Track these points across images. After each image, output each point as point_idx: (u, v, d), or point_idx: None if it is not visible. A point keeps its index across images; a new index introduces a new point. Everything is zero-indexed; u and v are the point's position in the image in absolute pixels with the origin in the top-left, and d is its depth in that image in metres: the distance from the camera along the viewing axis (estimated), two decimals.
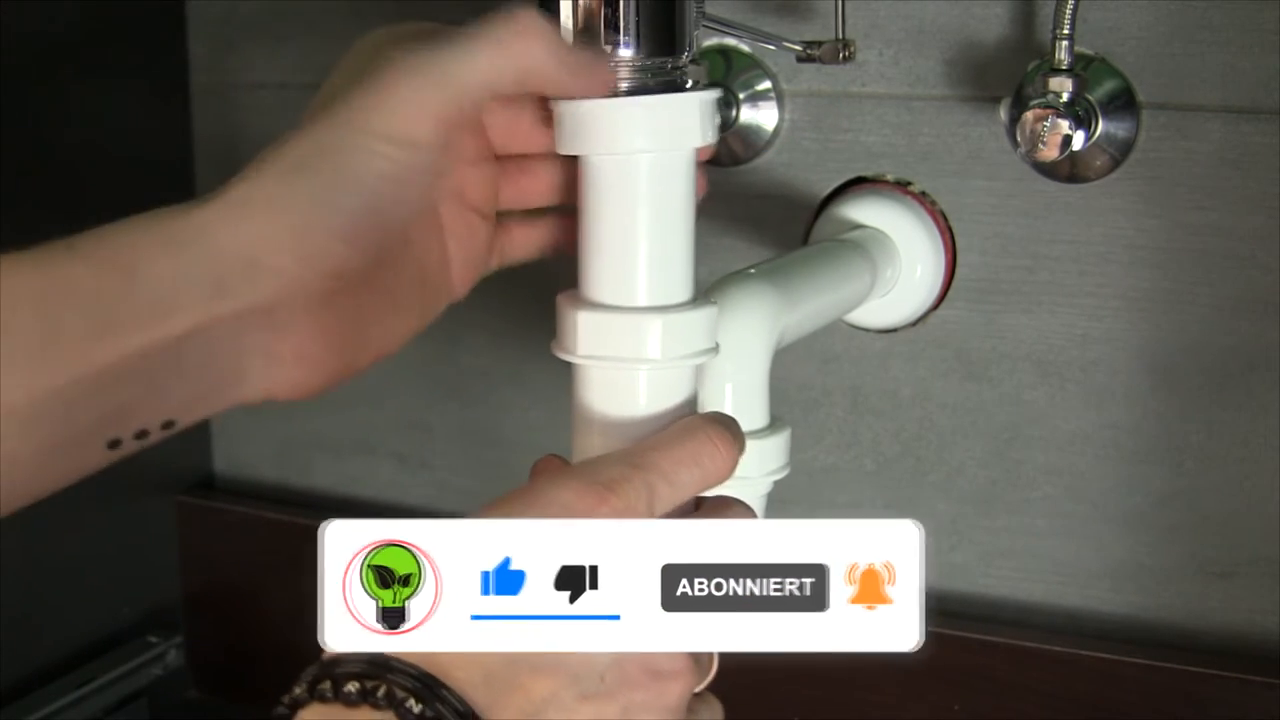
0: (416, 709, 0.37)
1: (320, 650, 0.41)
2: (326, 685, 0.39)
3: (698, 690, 0.45)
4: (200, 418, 0.43)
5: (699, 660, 0.43)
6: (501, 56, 0.43)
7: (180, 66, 0.98)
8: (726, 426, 0.45)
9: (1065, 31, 0.68)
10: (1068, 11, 0.68)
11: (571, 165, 0.48)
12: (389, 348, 0.47)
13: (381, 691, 0.37)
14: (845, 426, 0.84)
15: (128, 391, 0.40)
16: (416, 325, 0.48)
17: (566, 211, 0.50)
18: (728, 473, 0.45)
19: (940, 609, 0.83)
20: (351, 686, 0.38)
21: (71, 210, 0.91)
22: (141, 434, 0.41)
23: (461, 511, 0.45)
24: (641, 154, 0.46)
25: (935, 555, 0.82)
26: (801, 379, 0.84)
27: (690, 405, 0.48)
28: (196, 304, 0.40)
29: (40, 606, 0.91)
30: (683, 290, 0.48)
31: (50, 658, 0.93)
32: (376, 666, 0.38)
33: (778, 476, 0.58)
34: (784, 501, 0.85)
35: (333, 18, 0.93)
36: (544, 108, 0.49)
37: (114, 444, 0.41)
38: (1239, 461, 0.75)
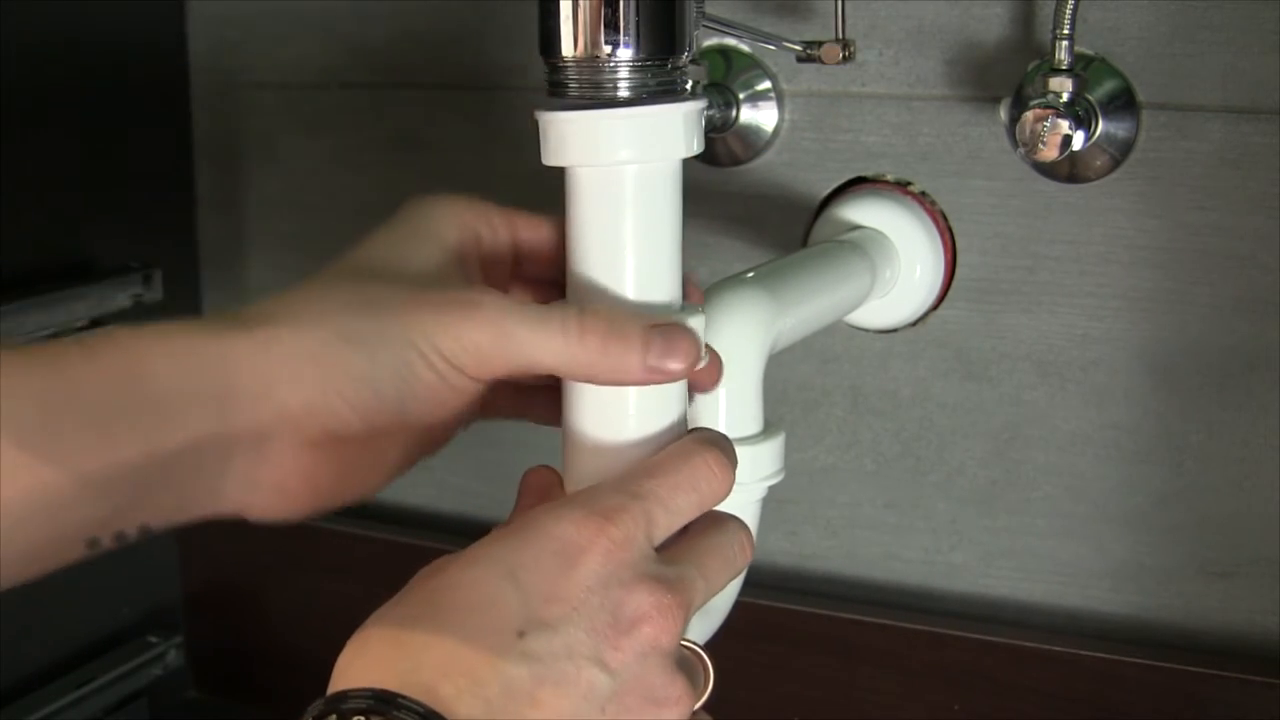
0: None
1: (318, 652, 0.41)
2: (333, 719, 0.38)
3: (695, 708, 0.45)
4: (173, 525, 0.43)
5: (696, 683, 0.43)
6: (568, 354, 0.44)
7: (180, 67, 0.98)
8: (721, 449, 0.46)
9: (1065, 31, 0.68)
10: (1068, 11, 0.68)
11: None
12: (365, 493, 0.48)
13: None
14: (845, 426, 0.84)
15: (116, 496, 0.40)
16: (395, 476, 0.49)
17: (554, 387, 0.50)
18: (724, 496, 0.45)
19: (940, 609, 0.83)
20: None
21: (72, 210, 0.91)
22: (120, 536, 0.42)
23: (461, 512, 0.46)
24: (627, 165, 0.46)
25: (935, 555, 0.83)
26: (801, 379, 0.84)
27: (681, 418, 0.48)
28: (197, 421, 0.41)
29: (40, 606, 0.91)
30: (672, 299, 0.48)
31: (50, 658, 0.93)
32: (382, 702, 0.38)
33: (772, 482, 0.58)
34: (784, 501, 0.86)
35: (333, 18, 0.94)
36: None
37: (92, 544, 0.41)
38: (1239, 461, 0.75)
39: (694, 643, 0.44)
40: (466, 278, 0.48)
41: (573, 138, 0.46)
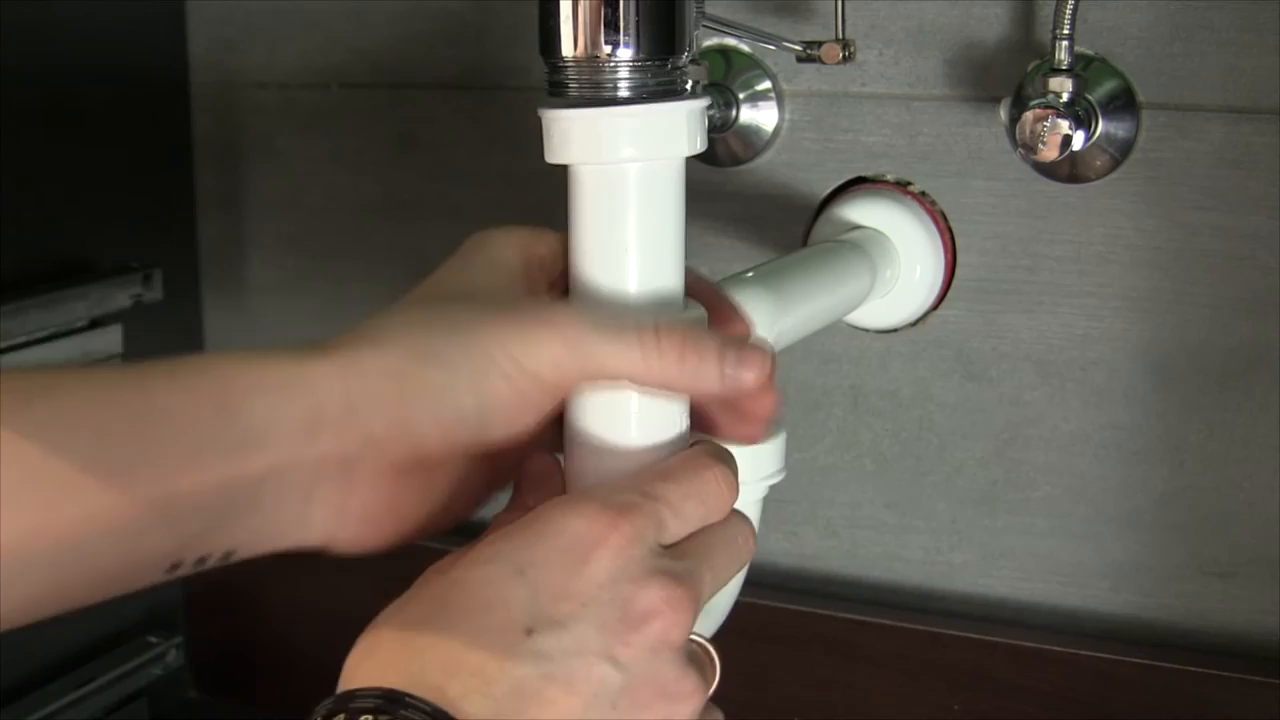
0: None
1: (318, 652, 0.41)
2: (341, 718, 0.39)
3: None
4: (260, 553, 0.43)
5: (706, 676, 0.44)
6: (645, 365, 0.44)
7: (180, 67, 0.98)
8: (728, 465, 0.46)
9: (1065, 31, 0.68)
10: (1068, 11, 0.68)
11: None
12: (449, 523, 0.48)
13: None
14: (845, 426, 0.84)
15: (201, 520, 0.41)
16: (476, 506, 0.49)
17: None
18: (726, 511, 0.46)
19: (940, 609, 0.83)
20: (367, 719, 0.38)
21: (72, 210, 0.91)
22: (201, 561, 0.42)
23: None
24: (629, 164, 0.46)
25: (935, 555, 0.83)
26: (801, 379, 0.84)
27: (684, 421, 0.48)
28: (283, 447, 0.41)
29: None
30: (674, 298, 0.48)
31: (50, 658, 0.93)
32: (390, 701, 0.38)
33: (773, 481, 0.58)
34: (784, 501, 0.86)
35: (333, 18, 0.94)
36: None
37: (173, 568, 0.41)
38: (1239, 461, 0.75)
39: (701, 635, 0.44)
40: (535, 296, 0.48)
41: (576, 135, 0.46)
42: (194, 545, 0.41)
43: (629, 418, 0.46)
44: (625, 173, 0.46)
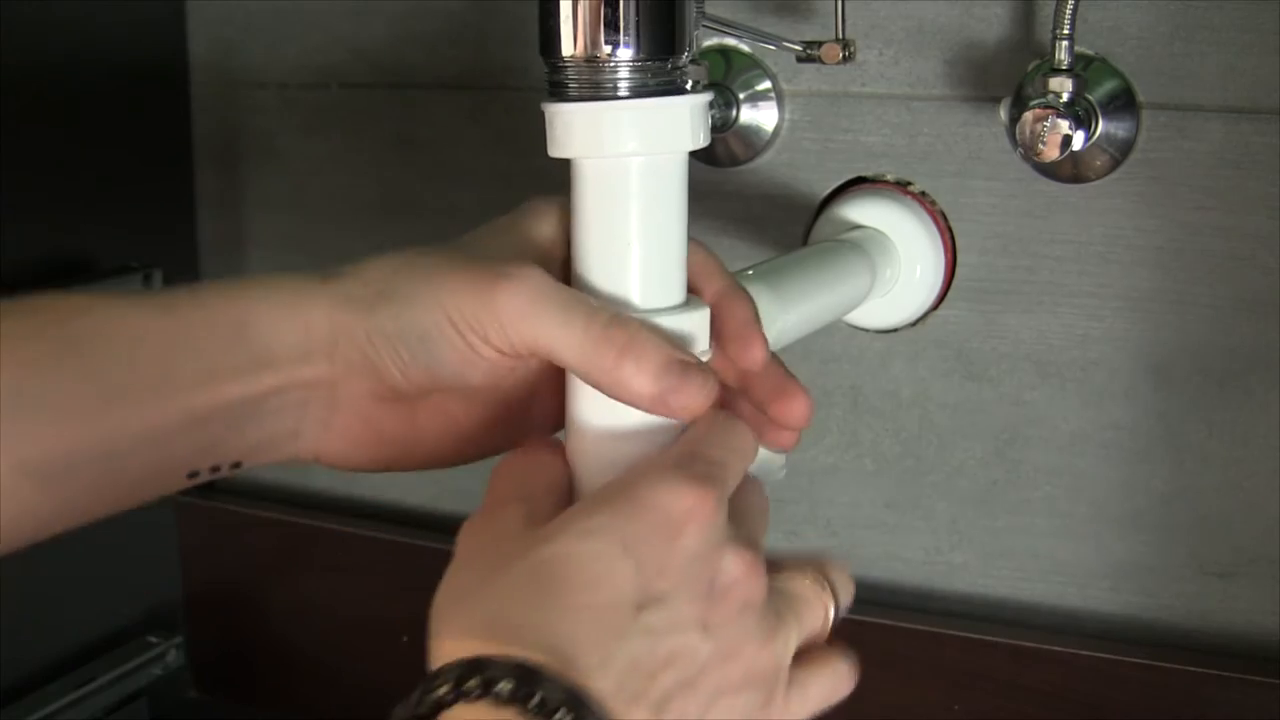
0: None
1: (318, 652, 0.41)
2: (475, 683, 0.39)
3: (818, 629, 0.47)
4: (262, 463, 0.46)
5: (799, 615, 0.46)
6: (581, 352, 0.45)
7: (180, 67, 0.98)
8: (743, 420, 0.48)
9: (1065, 31, 0.68)
10: (1068, 11, 0.68)
11: None
12: (443, 459, 0.50)
13: (535, 700, 0.38)
14: (845, 426, 0.84)
15: (215, 432, 0.43)
16: (474, 452, 0.50)
17: None
18: (753, 461, 0.47)
19: (940, 609, 0.83)
20: (504, 687, 0.38)
21: (72, 210, 0.91)
22: (215, 469, 0.45)
23: (461, 512, 0.46)
24: (632, 158, 0.46)
25: (935, 555, 0.83)
26: (802, 379, 0.84)
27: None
28: (283, 366, 0.44)
29: (40, 606, 0.91)
30: (676, 294, 0.48)
31: (50, 658, 0.93)
32: (527, 674, 0.39)
33: (775, 477, 0.58)
34: (783, 501, 0.86)
35: (333, 18, 0.94)
36: None
37: (193, 474, 0.44)
38: (1239, 461, 0.75)
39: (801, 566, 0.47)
40: (520, 259, 0.47)
41: (579, 129, 0.46)
42: (209, 455, 0.44)
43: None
44: (628, 167, 0.46)
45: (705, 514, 0.42)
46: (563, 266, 0.49)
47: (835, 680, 0.48)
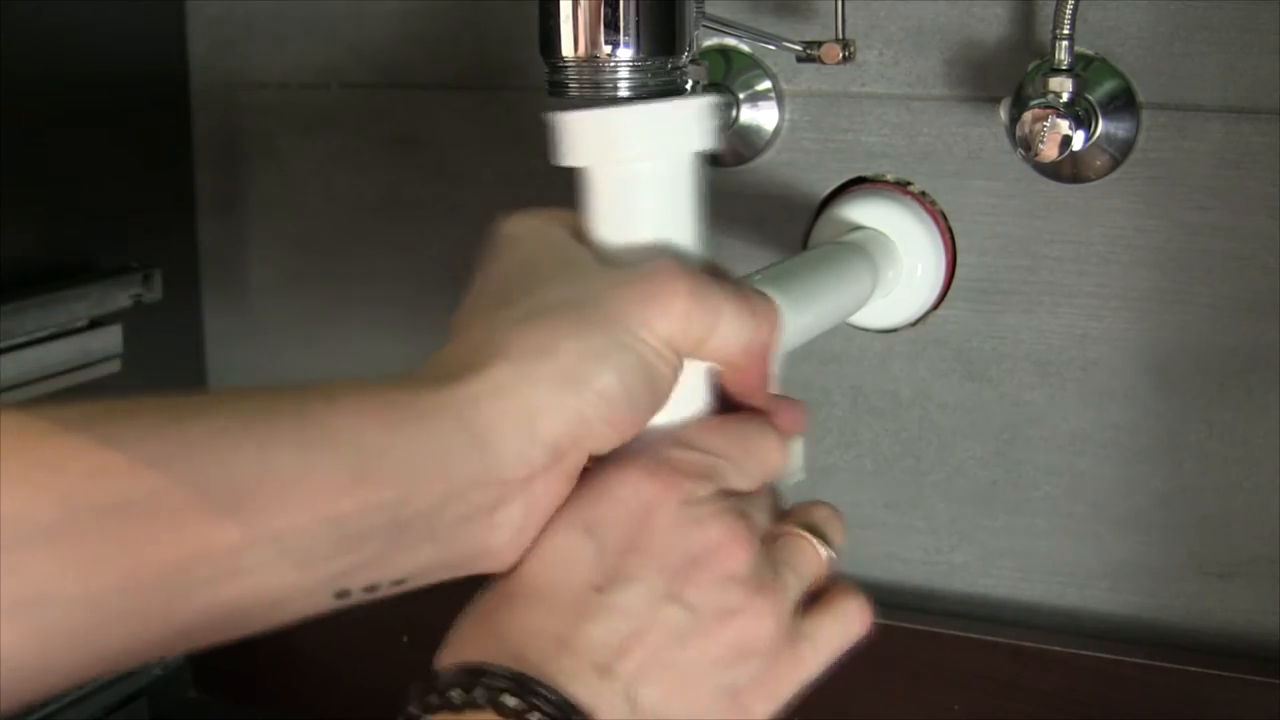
0: (511, 703, 0.38)
1: (318, 652, 0.41)
2: (434, 699, 0.39)
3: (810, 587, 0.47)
4: (437, 580, 0.41)
5: (797, 570, 0.45)
6: (748, 336, 0.45)
7: (180, 67, 0.98)
8: (779, 433, 0.47)
9: (1065, 31, 0.68)
10: (1068, 11, 0.68)
11: None
12: None
13: (479, 694, 0.38)
14: (845, 426, 0.84)
15: (371, 545, 0.38)
16: None
17: None
18: (779, 474, 0.47)
19: (940, 609, 0.83)
20: (455, 694, 0.39)
21: (72, 210, 0.91)
22: (371, 589, 0.40)
23: None
24: (642, 162, 0.46)
25: (935, 555, 0.83)
26: (801, 379, 0.84)
27: (705, 400, 0.48)
28: (455, 467, 0.39)
29: None
30: None
31: None
32: (471, 675, 0.39)
33: (796, 479, 0.58)
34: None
35: (333, 18, 0.94)
36: None
37: (341, 594, 0.39)
38: (1239, 461, 0.75)
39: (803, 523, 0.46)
40: (613, 263, 0.46)
41: (587, 137, 0.45)
42: (361, 571, 0.39)
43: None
44: (639, 172, 0.46)
45: (676, 496, 0.42)
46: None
47: (845, 622, 0.47)
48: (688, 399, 0.47)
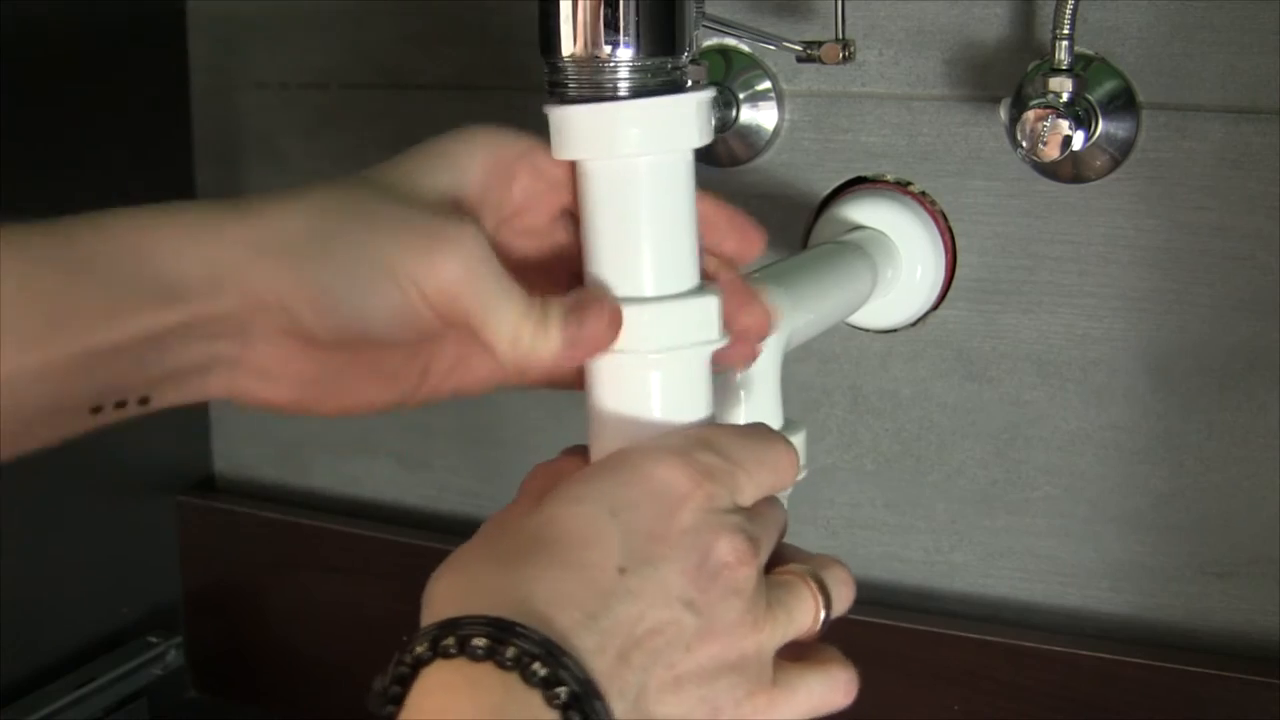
0: (543, 672, 0.38)
1: (318, 652, 0.41)
2: (450, 642, 0.39)
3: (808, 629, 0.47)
4: (171, 403, 0.44)
5: (790, 609, 0.45)
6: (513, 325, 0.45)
7: (180, 67, 0.98)
8: (792, 446, 0.48)
9: (1065, 31, 0.68)
10: (1068, 11, 0.68)
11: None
12: (358, 408, 0.48)
13: (510, 653, 0.38)
14: (845, 426, 0.84)
15: (120, 367, 0.42)
16: (402, 398, 0.49)
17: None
18: (788, 486, 0.47)
19: (940, 609, 0.83)
20: (479, 642, 0.38)
21: (72, 209, 0.91)
22: (120, 405, 0.43)
23: (461, 512, 0.46)
24: (640, 157, 0.46)
25: (935, 555, 0.83)
26: (801, 379, 0.84)
27: (708, 405, 0.48)
28: (191, 300, 0.42)
29: (40, 606, 0.91)
30: (688, 283, 0.48)
31: (50, 658, 0.93)
32: (499, 629, 0.39)
33: (798, 477, 0.58)
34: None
35: (333, 18, 0.94)
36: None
37: (96, 410, 0.42)
38: (1239, 461, 0.75)
39: (801, 564, 0.46)
40: (459, 214, 0.46)
41: (585, 130, 0.46)
42: (112, 391, 0.42)
43: (648, 397, 0.47)
44: (636, 166, 0.46)
45: (702, 499, 0.43)
46: (505, 212, 0.48)
47: (829, 687, 0.47)
48: (699, 398, 0.47)
